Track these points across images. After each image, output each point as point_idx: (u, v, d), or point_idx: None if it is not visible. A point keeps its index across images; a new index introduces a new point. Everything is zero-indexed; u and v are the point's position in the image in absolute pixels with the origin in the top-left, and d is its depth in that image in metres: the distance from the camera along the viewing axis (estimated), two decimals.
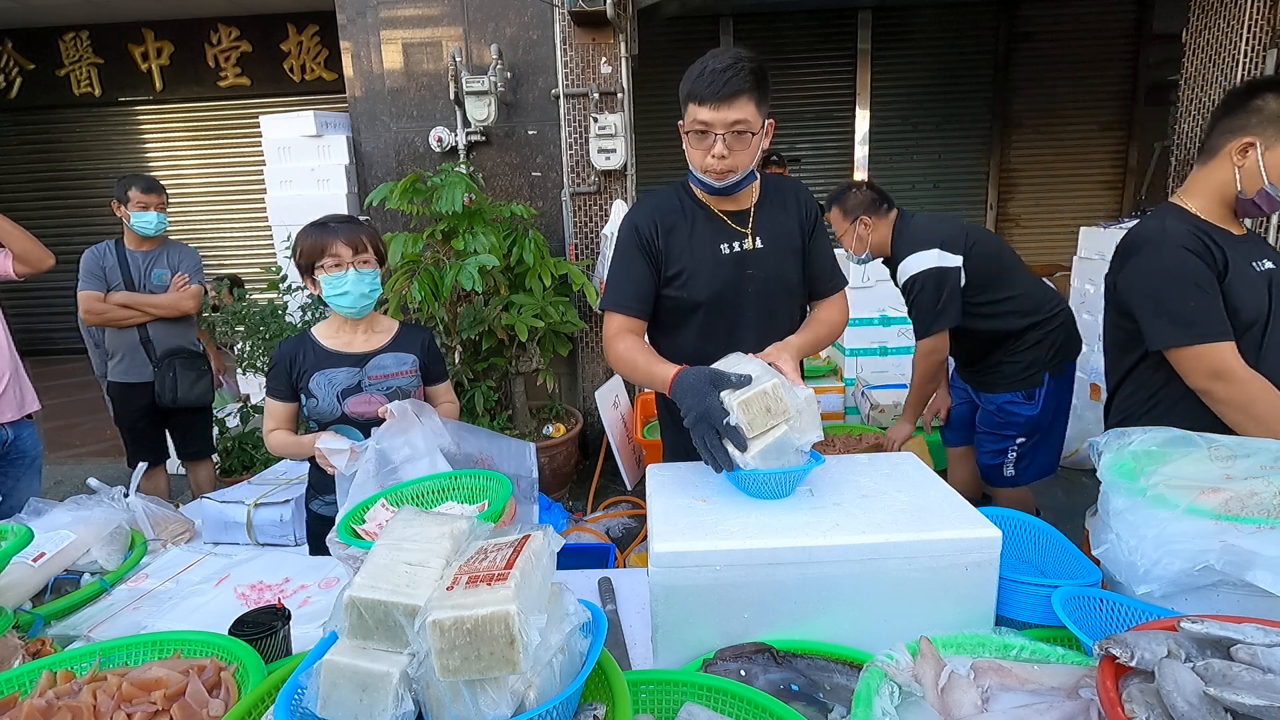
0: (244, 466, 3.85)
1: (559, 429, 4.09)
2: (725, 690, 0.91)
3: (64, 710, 0.92)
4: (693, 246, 1.57)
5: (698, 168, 1.50)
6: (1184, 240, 1.50)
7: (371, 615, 0.76)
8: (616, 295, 1.61)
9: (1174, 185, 4.34)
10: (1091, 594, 1.06)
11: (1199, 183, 1.57)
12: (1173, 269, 1.50)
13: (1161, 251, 1.53)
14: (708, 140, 1.44)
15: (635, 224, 1.60)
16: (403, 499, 1.32)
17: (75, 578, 1.54)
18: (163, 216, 3.05)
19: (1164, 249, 1.52)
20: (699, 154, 1.48)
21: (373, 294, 1.79)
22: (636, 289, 1.59)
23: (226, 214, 7.16)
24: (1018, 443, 2.50)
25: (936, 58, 6.67)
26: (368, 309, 1.81)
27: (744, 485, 1.21)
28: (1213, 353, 1.45)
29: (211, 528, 2.09)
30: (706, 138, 1.44)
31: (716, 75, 1.39)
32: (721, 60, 1.39)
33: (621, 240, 1.62)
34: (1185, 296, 1.48)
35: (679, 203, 1.61)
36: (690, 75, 1.43)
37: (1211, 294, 1.47)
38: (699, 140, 1.46)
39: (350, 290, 1.74)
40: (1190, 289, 1.48)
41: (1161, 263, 1.52)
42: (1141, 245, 1.58)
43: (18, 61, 6.89)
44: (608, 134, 4.05)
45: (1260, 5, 3.57)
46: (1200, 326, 1.46)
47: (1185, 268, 1.48)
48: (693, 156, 1.50)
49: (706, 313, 1.59)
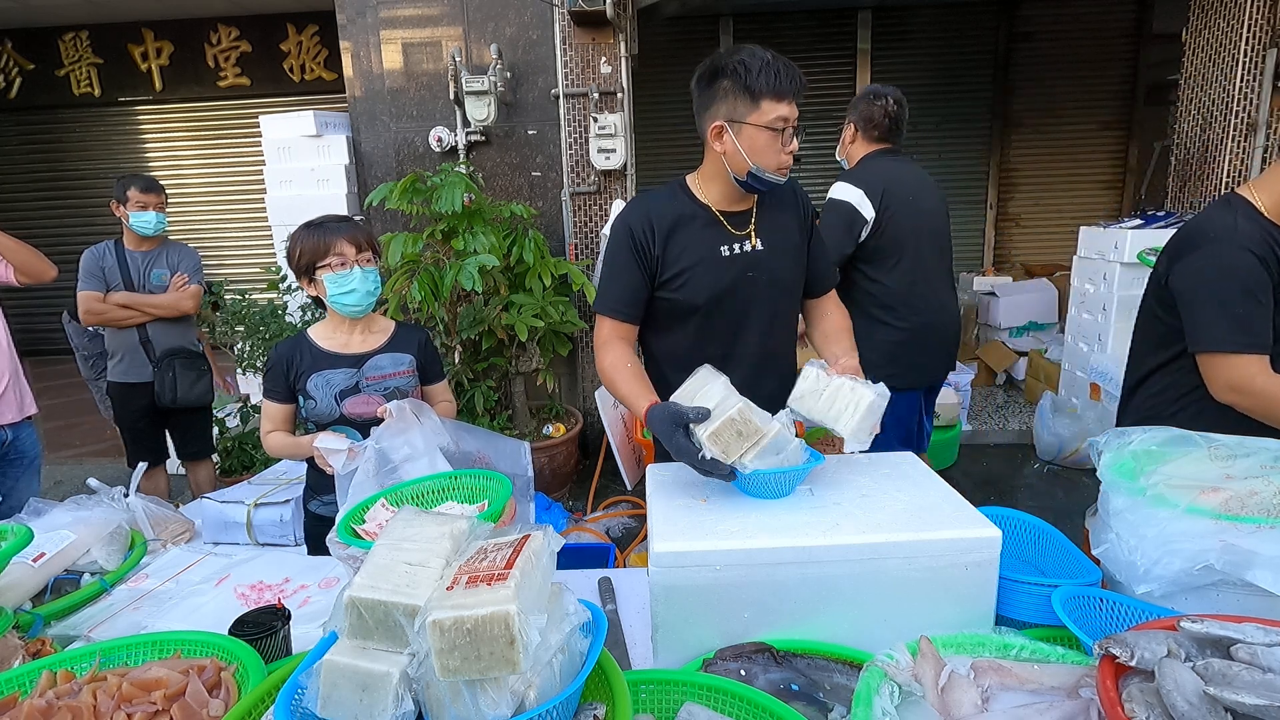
0: (244, 466, 3.85)
1: (559, 429, 4.09)
2: (725, 690, 0.91)
3: (64, 710, 0.92)
4: (693, 248, 1.54)
5: (770, 166, 1.44)
6: (1252, 243, 1.41)
7: (371, 615, 0.76)
8: (607, 299, 1.57)
9: (1174, 185, 4.34)
10: (1091, 594, 1.06)
11: (1275, 178, 1.46)
12: (1233, 270, 1.42)
13: (1227, 250, 1.44)
14: (785, 136, 1.41)
15: (629, 226, 1.55)
16: (403, 499, 1.32)
17: (75, 578, 1.54)
18: (162, 216, 3.05)
19: (1229, 248, 1.43)
20: (773, 152, 1.42)
21: (376, 292, 1.79)
22: (628, 293, 1.56)
23: (226, 214, 7.15)
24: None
25: (936, 58, 6.66)
26: (370, 308, 1.82)
27: (744, 485, 1.21)
28: (1238, 365, 1.41)
29: (211, 528, 2.09)
30: (784, 134, 1.40)
31: (789, 70, 1.37)
32: (775, 57, 1.38)
33: (614, 241, 1.57)
34: (1234, 302, 1.41)
35: (677, 204, 1.57)
36: (755, 70, 1.37)
37: (1264, 304, 1.40)
38: (775, 137, 1.41)
39: (357, 288, 1.74)
40: (1242, 295, 1.40)
41: (1222, 261, 1.44)
42: (1206, 241, 1.48)
43: (18, 61, 6.89)
44: (607, 134, 4.05)
45: (1260, 5, 3.57)
46: (1240, 336, 1.40)
47: (1246, 271, 1.40)
48: (765, 155, 1.43)
49: (706, 315, 1.57)
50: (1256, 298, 1.40)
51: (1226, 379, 1.42)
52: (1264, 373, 1.39)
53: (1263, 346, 1.40)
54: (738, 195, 1.55)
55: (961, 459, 4.31)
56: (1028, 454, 4.36)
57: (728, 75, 1.41)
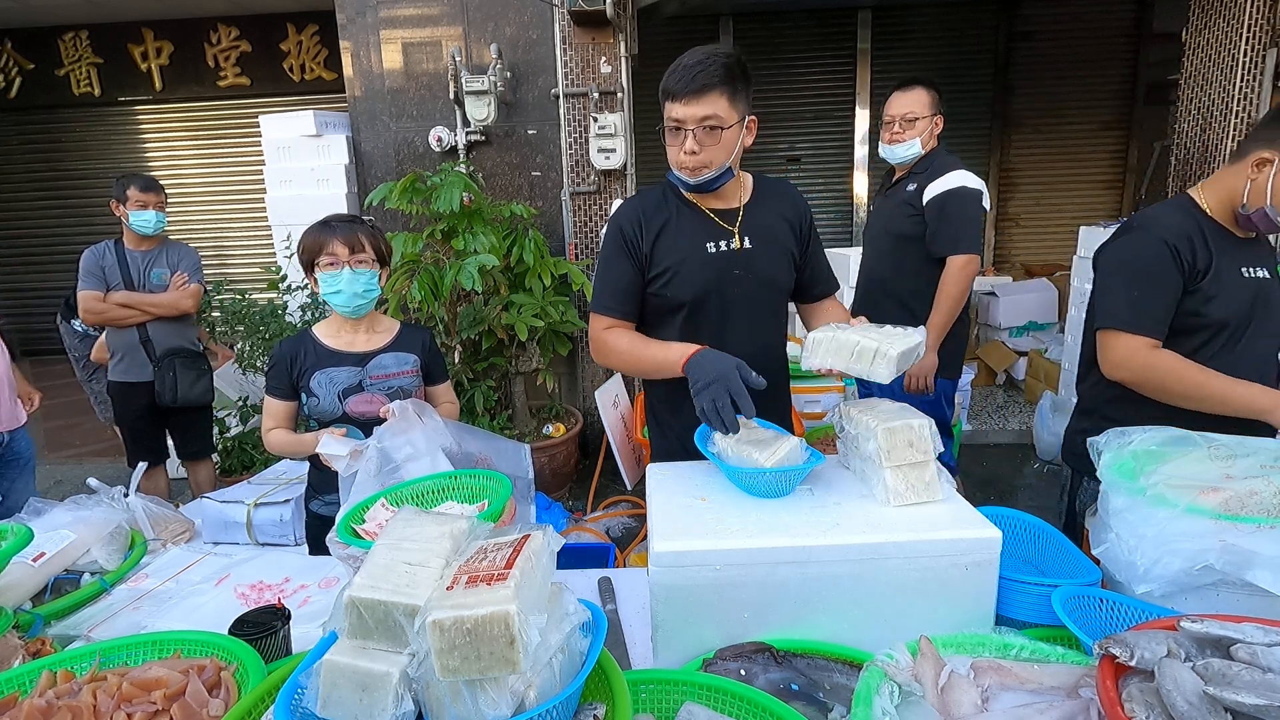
0: (244, 466, 3.85)
1: (559, 429, 4.09)
2: (725, 690, 0.91)
3: (64, 710, 0.92)
4: (679, 245, 1.55)
5: (673, 164, 1.50)
6: (1168, 233, 1.51)
7: (371, 615, 0.76)
8: (602, 298, 1.59)
9: (1174, 185, 4.34)
10: (1091, 594, 1.06)
11: (1220, 181, 1.56)
12: (1140, 257, 1.53)
13: (1140, 238, 1.55)
14: (680, 136, 1.45)
15: (620, 225, 1.58)
16: (403, 499, 1.32)
17: (75, 578, 1.54)
18: (161, 215, 3.05)
19: (1144, 236, 1.55)
20: (674, 150, 1.48)
21: (368, 294, 1.78)
22: (621, 290, 1.58)
23: (226, 214, 7.15)
24: None
25: (936, 57, 6.66)
26: (363, 309, 1.81)
27: (744, 484, 1.21)
28: (1126, 343, 1.50)
29: (211, 527, 2.09)
30: (679, 134, 1.45)
31: (686, 71, 1.40)
32: (694, 56, 1.40)
33: (608, 241, 1.60)
34: (1134, 285, 1.51)
35: (665, 201, 1.59)
36: (668, 72, 1.44)
37: (1163, 290, 1.49)
38: (673, 137, 1.46)
39: (344, 289, 1.74)
40: (1145, 280, 1.50)
41: (1133, 248, 1.56)
42: (1128, 230, 1.60)
43: (17, 61, 6.88)
44: (607, 134, 4.05)
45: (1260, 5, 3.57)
46: (1131, 316, 1.50)
47: (1153, 258, 1.51)
48: (670, 153, 1.50)
49: (691, 311, 1.57)
50: (1157, 283, 1.49)
51: (1114, 356, 1.51)
52: (1147, 351, 1.48)
53: (1152, 330, 1.49)
54: (717, 193, 1.57)
55: (961, 459, 4.31)
56: (1028, 454, 4.36)
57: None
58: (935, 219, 2.43)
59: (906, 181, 2.57)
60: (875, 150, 6.81)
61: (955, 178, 2.42)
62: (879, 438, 1.14)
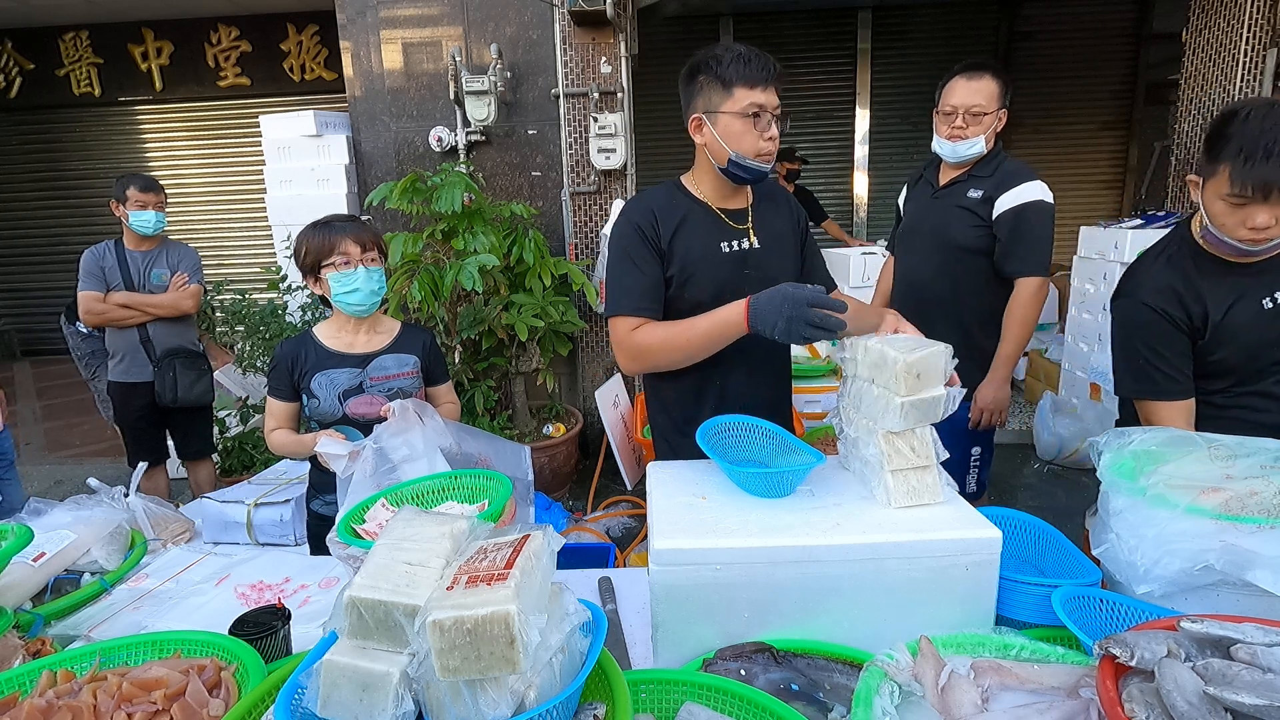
0: (244, 466, 3.85)
1: (559, 429, 4.09)
2: (725, 690, 0.91)
3: (64, 710, 0.92)
4: (695, 244, 1.53)
5: (749, 152, 1.45)
6: (1150, 296, 1.48)
7: (371, 615, 0.76)
8: (631, 298, 1.49)
9: (1174, 185, 4.34)
10: (1091, 594, 1.06)
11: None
12: (1130, 324, 1.52)
13: (1127, 304, 1.54)
14: (762, 122, 1.42)
15: (635, 223, 1.52)
16: (403, 499, 1.32)
17: (75, 578, 1.54)
18: (161, 215, 3.05)
19: (1130, 301, 1.52)
20: (751, 138, 1.43)
21: (380, 292, 1.80)
22: (650, 290, 1.50)
23: (226, 214, 7.16)
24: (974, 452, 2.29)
25: (936, 57, 6.66)
26: (375, 307, 1.82)
27: (744, 483, 1.21)
28: (1151, 411, 1.50)
29: (211, 527, 2.09)
30: (760, 120, 1.42)
31: (760, 58, 1.40)
32: (749, 48, 1.41)
33: (623, 240, 1.53)
34: (1137, 354, 1.50)
35: (677, 201, 1.56)
36: (726, 61, 1.41)
37: (1165, 353, 1.47)
38: (752, 123, 1.42)
39: (360, 288, 1.75)
40: (1142, 349, 1.49)
41: (1124, 315, 1.54)
42: (1121, 288, 1.58)
43: (18, 61, 6.89)
44: (608, 134, 4.05)
45: (1260, 5, 3.57)
46: (1141, 384, 1.50)
47: (1141, 325, 1.49)
48: (742, 141, 1.44)
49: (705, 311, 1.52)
50: (1155, 350, 1.47)
51: (1145, 420, 1.52)
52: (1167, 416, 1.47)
53: (1165, 393, 1.48)
54: (729, 189, 1.56)
55: None
56: (1028, 454, 4.36)
57: (703, 70, 1.45)
58: (1009, 235, 2.14)
59: (967, 185, 2.24)
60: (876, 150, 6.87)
61: (1032, 189, 2.14)
62: (880, 443, 1.14)
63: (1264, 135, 1.25)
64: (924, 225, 2.36)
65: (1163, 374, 1.47)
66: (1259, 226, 1.30)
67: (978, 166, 2.25)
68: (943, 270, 2.27)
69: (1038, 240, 2.14)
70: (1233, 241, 1.35)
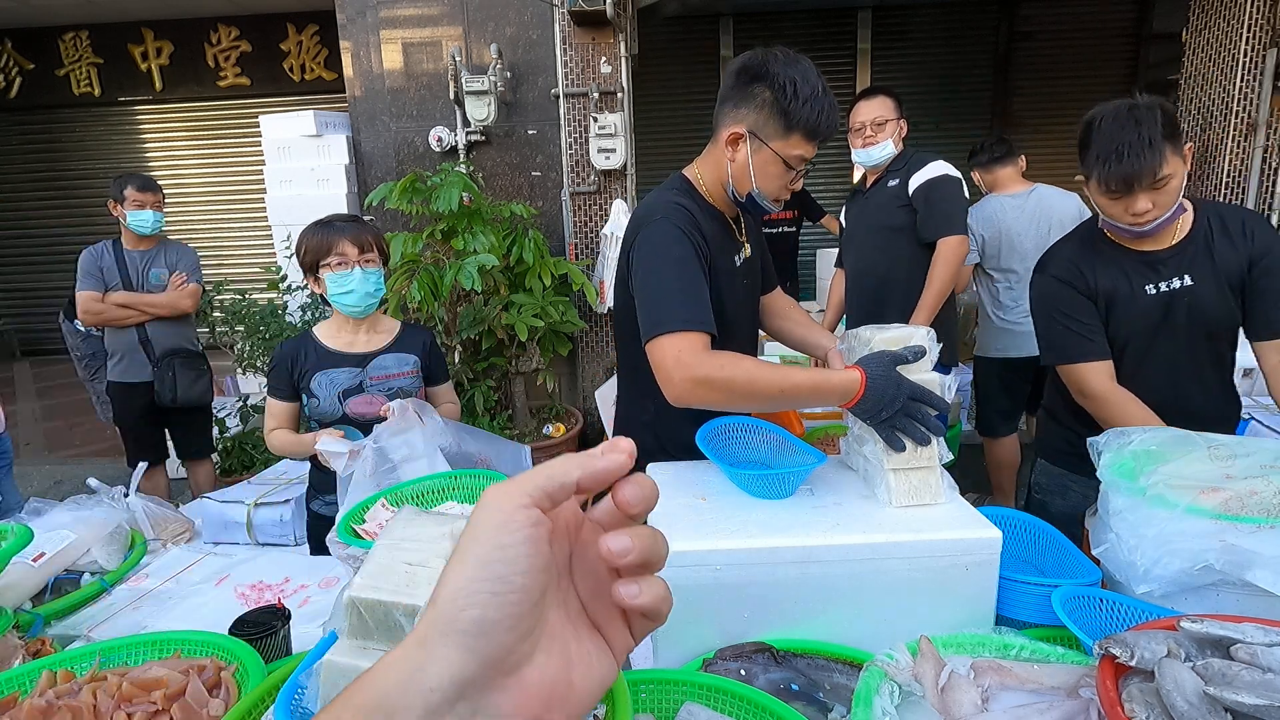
0: (244, 466, 3.85)
1: (559, 429, 4.09)
2: (725, 690, 0.91)
3: (64, 710, 0.92)
4: (719, 259, 1.41)
5: (770, 194, 1.37)
6: (1057, 269, 1.63)
7: (371, 615, 0.75)
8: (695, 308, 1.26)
9: None
10: (1091, 594, 1.06)
11: None
12: (1044, 296, 1.65)
13: (1039, 279, 1.68)
14: (793, 172, 1.35)
15: (682, 229, 1.32)
16: (403, 499, 1.32)
17: (75, 578, 1.54)
18: (159, 215, 3.05)
19: (1042, 277, 1.67)
20: (780, 183, 1.36)
21: (377, 293, 1.79)
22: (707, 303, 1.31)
23: (226, 214, 7.15)
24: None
25: (936, 57, 6.66)
26: (372, 308, 1.82)
27: (745, 484, 1.21)
28: (1075, 373, 1.59)
29: (211, 527, 2.09)
30: (792, 170, 1.35)
31: (832, 113, 1.30)
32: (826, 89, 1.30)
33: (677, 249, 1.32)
34: (1054, 322, 1.62)
35: (704, 209, 1.42)
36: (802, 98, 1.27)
37: (1078, 317, 1.58)
38: (785, 171, 1.34)
39: (356, 289, 1.75)
40: (1057, 317, 1.61)
41: (1039, 290, 1.67)
42: (1036, 268, 1.70)
43: (17, 61, 6.89)
44: (608, 134, 4.05)
45: (1260, 5, 3.57)
46: (1072, 350, 1.59)
47: (1052, 296, 1.63)
48: (770, 183, 1.35)
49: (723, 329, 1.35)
50: (1072, 316, 1.60)
51: (1075, 385, 1.62)
52: (1101, 378, 1.56)
53: (1083, 354, 1.58)
54: (728, 200, 1.46)
55: (961, 459, 4.31)
56: (1027, 454, 4.35)
57: (771, 87, 1.28)
58: (924, 205, 2.52)
59: (886, 179, 2.65)
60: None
61: (937, 167, 2.53)
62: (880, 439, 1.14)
63: (1114, 139, 1.42)
64: (860, 225, 2.78)
65: (1077, 335, 1.58)
66: (1139, 211, 1.46)
67: (893, 164, 2.64)
68: (882, 254, 2.65)
69: (950, 205, 2.50)
70: (1123, 226, 1.52)
